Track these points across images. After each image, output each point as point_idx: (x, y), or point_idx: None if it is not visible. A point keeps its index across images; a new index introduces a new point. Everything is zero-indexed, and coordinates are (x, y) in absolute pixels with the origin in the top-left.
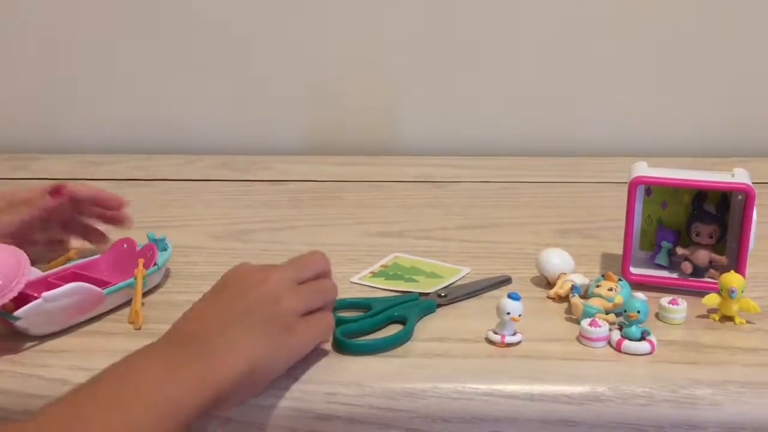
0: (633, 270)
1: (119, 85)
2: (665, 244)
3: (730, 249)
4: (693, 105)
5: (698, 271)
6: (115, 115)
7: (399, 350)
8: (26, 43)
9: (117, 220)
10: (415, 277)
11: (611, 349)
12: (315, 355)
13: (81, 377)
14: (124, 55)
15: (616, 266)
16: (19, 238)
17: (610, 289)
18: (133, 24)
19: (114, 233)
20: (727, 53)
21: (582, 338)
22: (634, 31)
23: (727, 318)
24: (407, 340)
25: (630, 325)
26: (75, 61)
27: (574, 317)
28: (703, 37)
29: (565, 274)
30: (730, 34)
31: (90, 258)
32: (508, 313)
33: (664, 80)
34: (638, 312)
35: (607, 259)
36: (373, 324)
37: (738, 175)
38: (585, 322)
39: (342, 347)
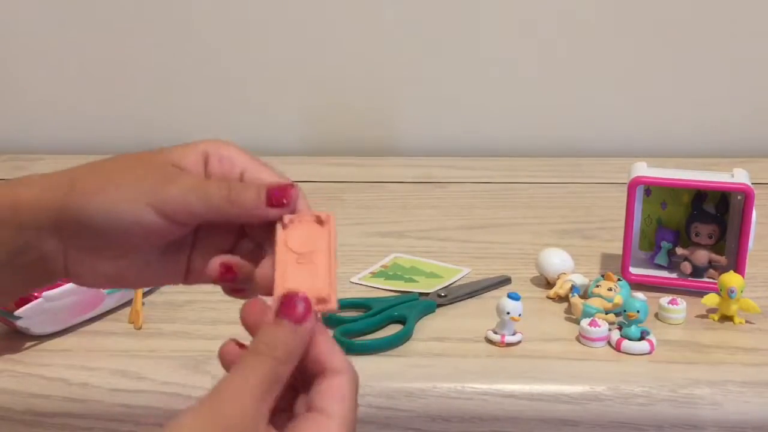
0: (632, 270)
1: (120, 85)
2: (665, 244)
3: (730, 249)
4: (693, 105)
5: (698, 271)
6: (115, 116)
7: (399, 350)
8: (27, 43)
9: None
10: (414, 277)
11: (611, 349)
12: None
13: (81, 377)
14: (125, 55)
15: (616, 266)
16: (203, 234)
17: (610, 289)
18: (133, 25)
19: None
20: (727, 53)
21: (582, 338)
22: (634, 31)
23: (727, 318)
24: (407, 340)
25: (629, 324)
26: (76, 61)
27: (573, 317)
28: (703, 37)
29: (565, 274)
30: (730, 34)
31: None
32: (508, 313)
33: (664, 80)
34: (638, 312)
35: (606, 259)
36: (373, 324)
37: (737, 176)
38: (584, 322)
39: (342, 347)
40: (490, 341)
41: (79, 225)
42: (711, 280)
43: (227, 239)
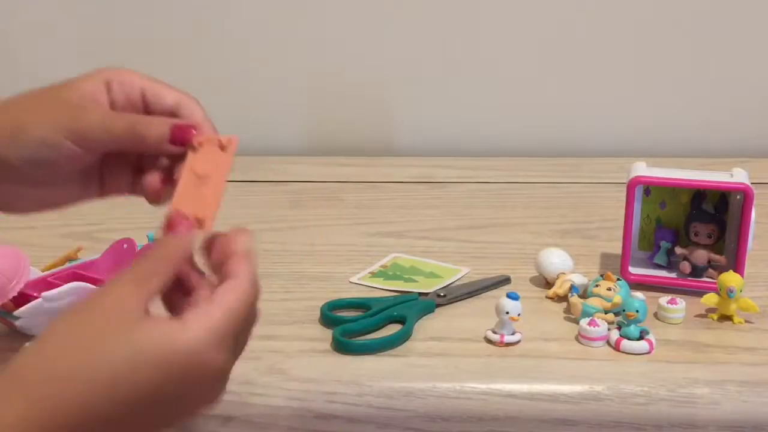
0: (632, 270)
1: None
2: (664, 244)
3: (729, 249)
4: (692, 105)
5: (697, 271)
6: None
7: (398, 350)
8: (25, 42)
9: None
10: (414, 277)
11: (610, 349)
12: (314, 355)
13: None
14: (124, 55)
15: (615, 266)
16: (108, 163)
17: (609, 289)
18: (133, 24)
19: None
20: (727, 53)
21: (581, 338)
22: (634, 31)
23: (726, 317)
24: (406, 340)
25: (629, 324)
26: (74, 60)
27: (573, 317)
28: (703, 37)
29: (564, 273)
30: (730, 35)
31: (90, 258)
32: (507, 313)
33: (664, 80)
34: (637, 311)
35: (606, 258)
36: (373, 324)
37: (736, 175)
38: (584, 322)
39: (341, 347)
40: (489, 341)
41: (8, 164)
42: (710, 280)
43: (133, 158)
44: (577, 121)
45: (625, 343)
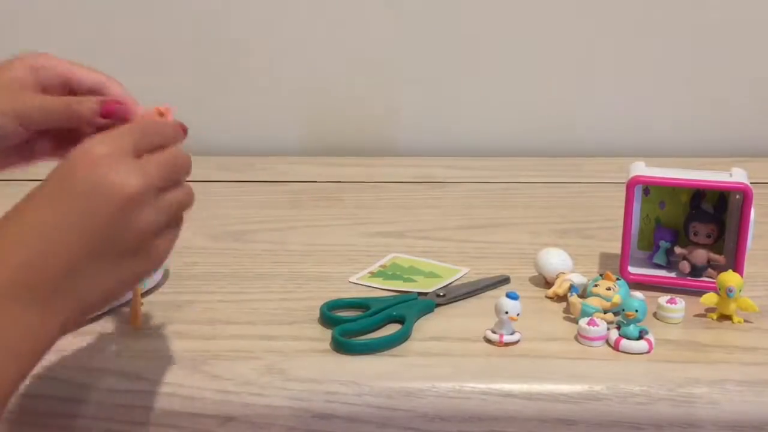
0: (631, 269)
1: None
2: (663, 244)
3: (728, 248)
4: (692, 105)
5: (696, 271)
6: None
7: (397, 350)
8: (24, 43)
9: None
10: (413, 277)
11: (609, 348)
12: (313, 355)
13: (81, 377)
14: (123, 55)
15: (615, 266)
16: (37, 136)
17: (609, 289)
18: (133, 24)
19: None
20: (726, 53)
21: (580, 337)
22: (634, 31)
23: (725, 317)
24: (405, 340)
25: (628, 324)
26: (74, 57)
27: (572, 316)
28: (703, 37)
29: (564, 273)
30: (729, 34)
31: None
32: (506, 312)
33: (664, 80)
34: (636, 311)
35: (605, 258)
36: (372, 323)
37: (736, 175)
38: (583, 321)
39: (340, 347)
40: (488, 341)
41: None
42: (709, 280)
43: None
44: (577, 121)
45: (625, 343)
